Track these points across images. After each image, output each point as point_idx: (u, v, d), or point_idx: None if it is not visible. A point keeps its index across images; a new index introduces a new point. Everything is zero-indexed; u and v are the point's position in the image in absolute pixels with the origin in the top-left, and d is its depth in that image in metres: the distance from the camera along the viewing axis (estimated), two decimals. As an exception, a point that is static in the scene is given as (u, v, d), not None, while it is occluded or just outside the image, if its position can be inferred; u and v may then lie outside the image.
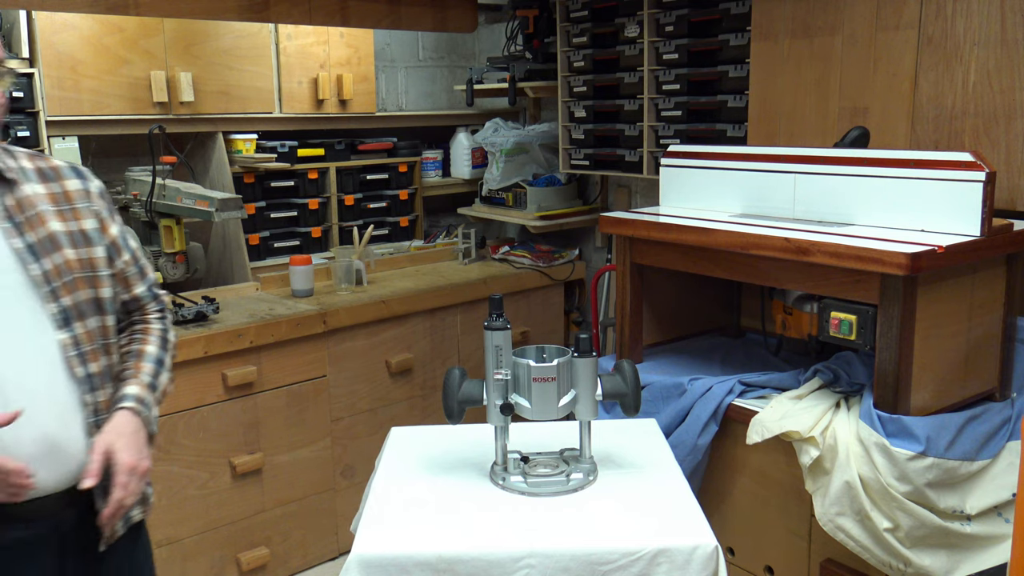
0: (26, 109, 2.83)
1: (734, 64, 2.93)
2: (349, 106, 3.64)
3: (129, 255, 1.67)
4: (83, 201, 1.59)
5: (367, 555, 1.49)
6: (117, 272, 1.62)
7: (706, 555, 1.50)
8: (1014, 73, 2.17)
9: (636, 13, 3.18)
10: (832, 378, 2.07)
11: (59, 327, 1.48)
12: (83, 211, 1.58)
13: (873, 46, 2.43)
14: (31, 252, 1.48)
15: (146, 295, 1.70)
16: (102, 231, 1.60)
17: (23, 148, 1.63)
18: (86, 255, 1.55)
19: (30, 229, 1.49)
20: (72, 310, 1.50)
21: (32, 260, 1.47)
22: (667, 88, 3.14)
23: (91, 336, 1.52)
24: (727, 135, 2.97)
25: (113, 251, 1.62)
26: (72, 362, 1.49)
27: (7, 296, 1.45)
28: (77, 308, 1.51)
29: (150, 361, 1.63)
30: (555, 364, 1.65)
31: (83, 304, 1.52)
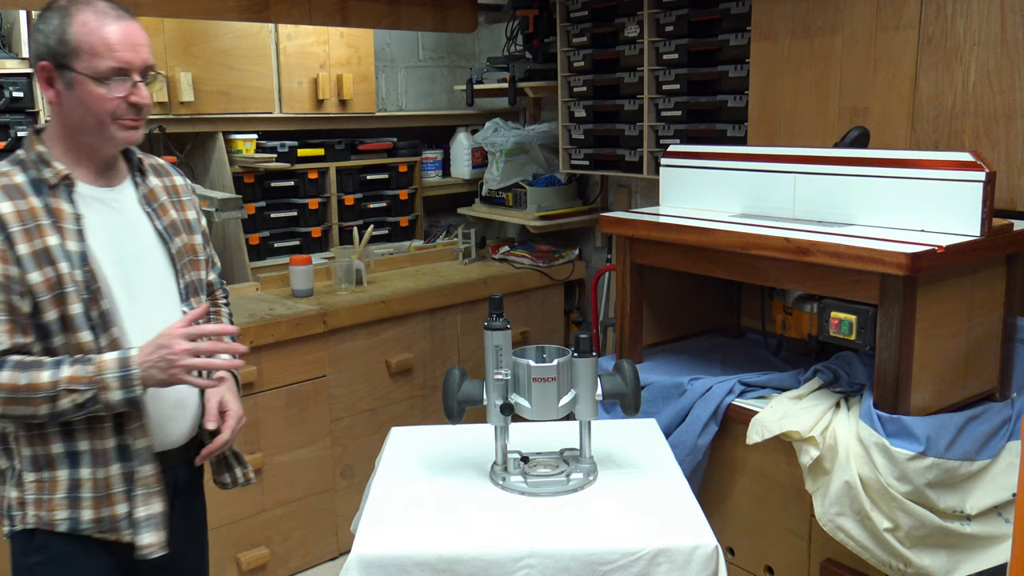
0: (26, 109, 2.83)
1: (734, 64, 2.93)
2: (349, 106, 3.64)
3: (211, 248, 1.95)
4: (186, 195, 1.88)
5: (367, 555, 1.49)
6: (206, 259, 1.90)
7: (706, 555, 1.50)
8: (1014, 73, 2.17)
9: (636, 13, 3.18)
10: (832, 378, 2.07)
11: (182, 301, 1.77)
12: (187, 203, 1.86)
13: (873, 46, 2.43)
14: (168, 234, 1.77)
15: (217, 282, 2.00)
16: (198, 221, 1.88)
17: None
18: (191, 241, 1.83)
19: (162, 215, 1.77)
20: (189, 287, 1.79)
21: (169, 240, 1.76)
22: (667, 88, 3.14)
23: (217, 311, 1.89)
24: (727, 135, 2.97)
25: (204, 240, 1.90)
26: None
27: (159, 269, 1.75)
28: (192, 286, 1.80)
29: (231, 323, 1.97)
30: (555, 364, 1.65)
31: (194, 283, 1.81)
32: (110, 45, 1.58)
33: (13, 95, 2.79)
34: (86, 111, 1.61)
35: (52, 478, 1.65)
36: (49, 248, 1.58)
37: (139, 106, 1.63)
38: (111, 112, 1.61)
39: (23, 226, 1.57)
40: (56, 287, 1.58)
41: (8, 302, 1.56)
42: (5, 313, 1.56)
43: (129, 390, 1.57)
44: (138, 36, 1.63)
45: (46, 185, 1.62)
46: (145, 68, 1.64)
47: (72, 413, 1.57)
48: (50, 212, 1.60)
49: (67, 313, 1.60)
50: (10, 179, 1.61)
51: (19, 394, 1.54)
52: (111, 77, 1.59)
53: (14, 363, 1.56)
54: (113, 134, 1.63)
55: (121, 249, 1.69)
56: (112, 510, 1.65)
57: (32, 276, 1.56)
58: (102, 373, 1.56)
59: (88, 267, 1.61)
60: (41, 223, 1.59)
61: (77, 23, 1.58)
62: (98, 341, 1.62)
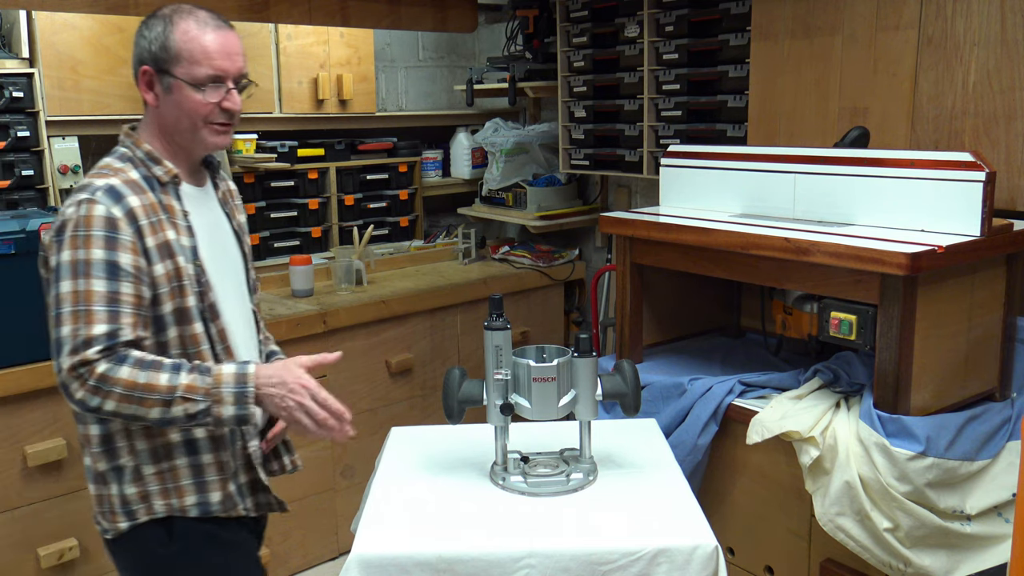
0: (26, 109, 2.84)
1: (734, 64, 2.93)
2: (349, 106, 3.64)
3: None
4: (237, 199, 1.96)
5: (367, 555, 1.49)
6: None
7: (706, 555, 1.50)
8: (1014, 73, 2.17)
9: (636, 13, 3.18)
10: (832, 378, 2.07)
11: (249, 297, 1.89)
12: (239, 207, 1.95)
13: (873, 46, 2.43)
14: (239, 233, 1.89)
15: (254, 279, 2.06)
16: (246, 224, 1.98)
17: None
18: (248, 242, 1.94)
19: (235, 215, 1.89)
20: (252, 284, 1.91)
21: (241, 240, 1.89)
22: (667, 88, 3.14)
23: (257, 307, 1.94)
24: (727, 135, 2.97)
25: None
26: (257, 327, 1.92)
27: (236, 266, 1.85)
28: (253, 283, 1.92)
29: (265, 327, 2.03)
30: (555, 364, 1.65)
31: (253, 281, 1.93)
32: (208, 53, 1.66)
33: (13, 95, 2.79)
34: (182, 114, 1.68)
35: (173, 467, 1.68)
36: (169, 242, 1.65)
37: (231, 111, 1.71)
38: (205, 116, 1.69)
39: (148, 220, 1.63)
40: (174, 280, 1.64)
41: (138, 294, 1.59)
42: (132, 306, 1.58)
43: (242, 407, 1.58)
44: (234, 45, 1.71)
45: (158, 182, 1.69)
46: (239, 76, 1.72)
47: (182, 422, 1.58)
48: (164, 208, 1.67)
49: (183, 305, 1.66)
50: (128, 175, 1.66)
51: (135, 392, 1.54)
52: (207, 83, 1.67)
53: (134, 360, 1.55)
54: (205, 137, 1.71)
55: (215, 245, 1.78)
56: (230, 488, 1.72)
57: (156, 268, 1.62)
58: (219, 386, 1.57)
59: (199, 261, 1.69)
60: (161, 218, 1.65)
61: (179, 31, 1.66)
62: (208, 332, 1.69)
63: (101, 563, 2.65)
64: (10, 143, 2.80)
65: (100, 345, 1.53)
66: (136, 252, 1.60)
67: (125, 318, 1.56)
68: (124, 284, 1.57)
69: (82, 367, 1.53)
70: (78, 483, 2.58)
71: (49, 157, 2.91)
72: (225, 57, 1.68)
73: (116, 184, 1.62)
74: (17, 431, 2.47)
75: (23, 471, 2.49)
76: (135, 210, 1.61)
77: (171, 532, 1.70)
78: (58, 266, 1.58)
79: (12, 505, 2.48)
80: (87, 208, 1.58)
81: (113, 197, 1.60)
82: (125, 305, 1.57)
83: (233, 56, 1.70)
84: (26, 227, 2.39)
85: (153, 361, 1.57)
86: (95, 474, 1.71)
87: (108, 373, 1.53)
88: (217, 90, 1.68)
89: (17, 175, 2.83)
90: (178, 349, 1.66)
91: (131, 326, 1.57)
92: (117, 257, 1.57)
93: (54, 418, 2.52)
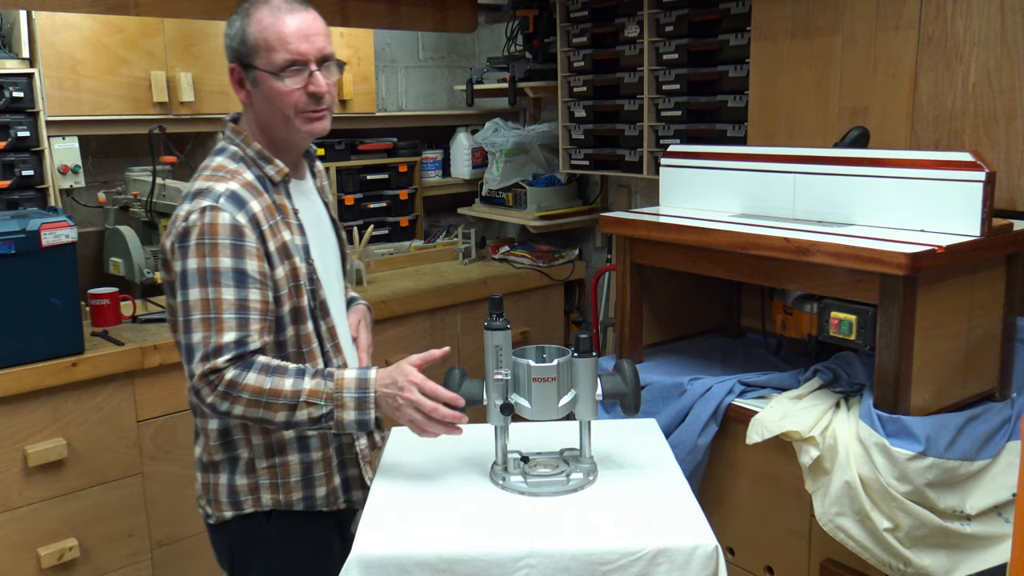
0: (26, 109, 2.84)
1: (734, 64, 2.93)
2: (349, 106, 3.64)
3: None
4: (328, 194, 1.96)
5: (367, 555, 1.49)
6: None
7: (706, 555, 1.50)
8: (1014, 73, 2.17)
9: (636, 13, 3.18)
10: (832, 378, 2.07)
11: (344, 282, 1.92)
12: (328, 190, 1.97)
13: (873, 46, 2.43)
14: (334, 224, 1.90)
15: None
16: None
17: None
18: (341, 227, 1.96)
19: (330, 206, 1.91)
20: (346, 272, 1.94)
21: (337, 230, 1.91)
22: (667, 88, 3.14)
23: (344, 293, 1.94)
24: (727, 135, 2.97)
25: None
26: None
27: (335, 258, 1.87)
28: (347, 271, 1.95)
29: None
30: (555, 364, 1.65)
31: (345, 268, 1.94)
32: (283, 38, 1.62)
33: (13, 95, 2.79)
34: (272, 107, 1.66)
35: (285, 463, 1.74)
36: (286, 243, 1.66)
37: (318, 95, 1.66)
38: (294, 105, 1.66)
39: (268, 224, 1.64)
40: (291, 280, 1.67)
41: (265, 300, 1.61)
42: (260, 312, 1.60)
43: (363, 412, 1.61)
44: (311, 27, 1.65)
45: (270, 182, 1.69)
46: (322, 57, 1.66)
47: (305, 426, 1.62)
48: (279, 208, 1.68)
49: (298, 305, 1.69)
50: (244, 177, 1.65)
51: (261, 398, 1.58)
52: (286, 69, 1.63)
53: (260, 366, 1.58)
54: (299, 127, 1.69)
55: (320, 239, 1.79)
56: (335, 482, 1.79)
57: (277, 271, 1.64)
58: (341, 391, 1.60)
59: (311, 260, 1.71)
60: (277, 220, 1.66)
61: (254, 22, 1.64)
62: (318, 330, 1.72)
63: (101, 563, 2.66)
64: (10, 143, 2.80)
65: (230, 353, 1.57)
66: (261, 258, 1.61)
67: (254, 324, 1.59)
68: (252, 291, 1.59)
69: (212, 374, 1.57)
70: (78, 483, 2.58)
71: (49, 157, 2.91)
72: (302, 39, 1.64)
73: (237, 189, 1.62)
74: (17, 431, 2.47)
75: (23, 471, 2.49)
76: (257, 215, 1.62)
77: (272, 523, 1.76)
78: (184, 273, 1.59)
79: (12, 505, 2.48)
80: (211, 216, 1.58)
81: (236, 203, 1.60)
82: (253, 312, 1.59)
83: (311, 37, 1.65)
84: (26, 227, 2.39)
85: (278, 367, 1.60)
86: (206, 463, 1.77)
87: (236, 379, 1.57)
88: (299, 75, 1.65)
89: (17, 175, 2.83)
90: (294, 348, 1.70)
91: (259, 332, 1.60)
92: (244, 265, 1.59)
93: (54, 418, 2.52)
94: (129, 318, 2.90)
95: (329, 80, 1.69)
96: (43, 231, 2.42)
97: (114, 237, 3.10)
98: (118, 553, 2.69)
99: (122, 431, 2.64)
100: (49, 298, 2.46)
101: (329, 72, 1.69)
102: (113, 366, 2.59)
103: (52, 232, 2.43)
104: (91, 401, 2.58)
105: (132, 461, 2.68)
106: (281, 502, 1.75)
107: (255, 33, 1.63)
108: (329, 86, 1.69)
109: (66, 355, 2.50)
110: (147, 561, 2.75)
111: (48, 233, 2.42)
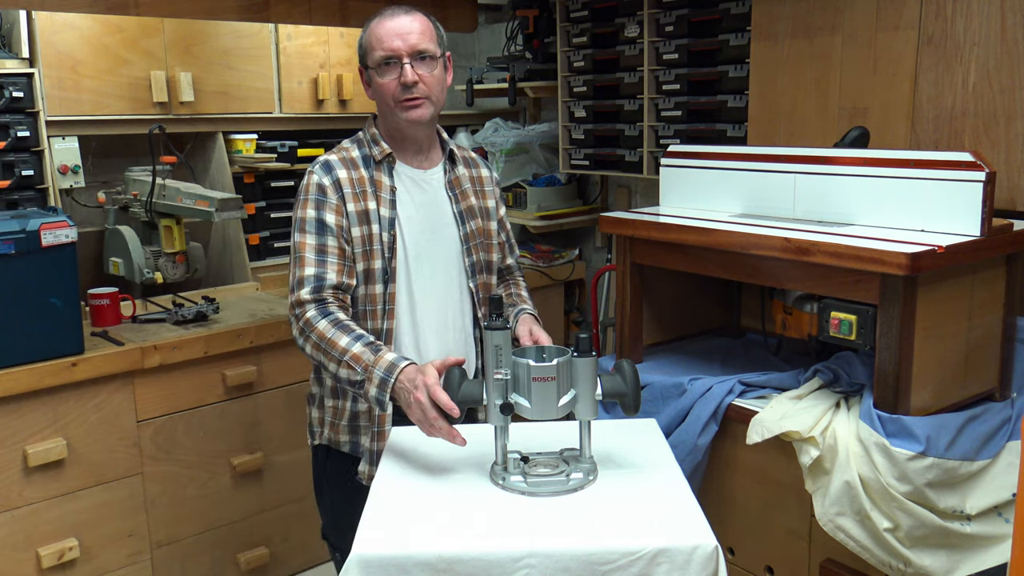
0: (26, 109, 2.84)
1: (734, 64, 2.93)
2: (349, 106, 3.64)
3: (506, 234, 2.28)
4: (488, 185, 2.19)
5: (367, 555, 1.49)
6: (500, 243, 2.23)
7: (706, 555, 1.50)
8: (1014, 73, 2.17)
9: (636, 13, 3.18)
10: (832, 378, 2.07)
11: (468, 277, 2.08)
12: (488, 193, 2.18)
13: (873, 46, 2.43)
14: (460, 217, 2.07)
15: (514, 265, 2.33)
16: (495, 210, 2.20)
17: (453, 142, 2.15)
18: (486, 226, 2.14)
19: (461, 200, 2.08)
20: (476, 266, 2.10)
21: (460, 223, 2.07)
22: (667, 88, 3.14)
23: (483, 288, 2.12)
24: (727, 135, 2.97)
25: (500, 227, 2.22)
26: (475, 306, 2.11)
27: (450, 245, 2.05)
28: (479, 265, 2.10)
29: (528, 297, 2.30)
30: (555, 364, 1.65)
31: (481, 263, 2.11)
32: (380, 38, 1.93)
33: (13, 95, 2.79)
34: (381, 99, 1.97)
35: (343, 407, 2.01)
36: (368, 211, 1.95)
37: (408, 84, 1.91)
38: (392, 96, 1.94)
39: (353, 190, 1.95)
40: (367, 243, 1.94)
41: (340, 247, 1.92)
42: (337, 256, 1.91)
43: (382, 392, 1.76)
44: (406, 27, 1.92)
45: (373, 160, 2.00)
46: (415, 52, 1.92)
47: (345, 384, 1.84)
48: (372, 182, 1.97)
49: (371, 267, 1.95)
50: (348, 153, 2.01)
51: (322, 344, 1.84)
52: (382, 65, 1.93)
53: (333, 318, 1.86)
54: (400, 115, 1.95)
55: (421, 221, 2.01)
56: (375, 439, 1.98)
57: (354, 231, 1.94)
58: (375, 367, 1.77)
59: (393, 231, 1.96)
60: (366, 190, 1.96)
61: (368, 29, 1.97)
62: (385, 293, 1.96)
63: (101, 563, 2.66)
64: (10, 143, 2.80)
65: (309, 285, 1.88)
66: (340, 214, 1.92)
67: (330, 266, 1.90)
68: (329, 238, 1.91)
69: (296, 308, 1.89)
70: (78, 483, 2.58)
71: (49, 157, 2.91)
72: (395, 38, 1.91)
73: (331, 159, 1.98)
74: (17, 431, 2.47)
75: (23, 471, 2.49)
76: (341, 181, 1.94)
77: (329, 458, 2.06)
78: (292, 221, 1.97)
79: (12, 505, 2.48)
80: (307, 178, 1.96)
81: (326, 169, 1.96)
82: (331, 255, 1.90)
83: (404, 36, 1.91)
84: (26, 227, 2.39)
85: (345, 324, 1.85)
86: (306, 394, 2.13)
87: (312, 321, 1.86)
88: (392, 68, 1.92)
89: (17, 175, 2.83)
90: (361, 306, 1.96)
91: (336, 272, 1.90)
92: (324, 216, 1.92)
93: (54, 418, 2.52)
94: (129, 318, 2.90)
95: (424, 73, 1.93)
96: (43, 231, 2.42)
97: (114, 237, 3.10)
98: (118, 553, 2.69)
99: (122, 431, 2.65)
100: (49, 298, 2.46)
101: (425, 65, 1.93)
102: (113, 366, 2.59)
103: (52, 232, 2.43)
104: (91, 401, 2.58)
105: (132, 461, 2.68)
106: (332, 441, 2.03)
107: (365, 38, 1.96)
108: (422, 76, 1.92)
109: (66, 355, 2.50)
110: (147, 561, 2.75)
111: (48, 233, 2.43)
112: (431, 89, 1.95)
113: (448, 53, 2.03)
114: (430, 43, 1.95)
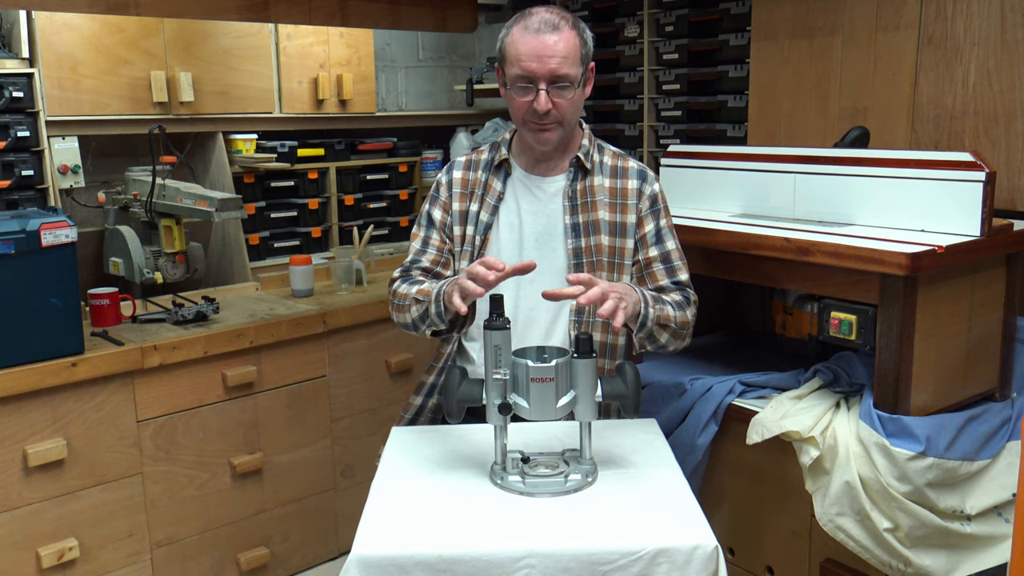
0: (26, 109, 2.84)
1: (734, 64, 2.93)
2: (349, 106, 3.64)
3: (658, 252, 1.96)
4: (633, 199, 1.95)
5: (367, 555, 1.49)
6: (640, 263, 1.96)
7: (706, 555, 1.50)
8: (1014, 73, 2.17)
9: (636, 13, 3.19)
10: (832, 378, 2.07)
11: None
12: (630, 207, 1.95)
13: (873, 46, 2.43)
14: (574, 230, 1.92)
15: (670, 287, 1.96)
16: (637, 226, 1.95)
17: (615, 147, 2.04)
18: (619, 244, 1.94)
19: (581, 212, 1.93)
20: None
21: (573, 236, 1.92)
22: (667, 88, 3.14)
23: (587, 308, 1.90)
24: (727, 135, 2.97)
25: (641, 245, 1.95)
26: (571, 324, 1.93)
27: (555, 256, 1.93)
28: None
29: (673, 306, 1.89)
30: (553, 364, 1.65)
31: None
32: (519, 55, 1.81)
33: (13, 95, 2.79)
34: (511, 109, 1.89)
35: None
36: (468, 212, 1.98)
37: (538, 112, 1.81)
38: (522, 115, 1.86)
39: (463, 190, 1.99)
40: (462, 244, 1.97)
41: (441, 240, 1.99)
42: (436, 248, 1.98)
43: (438, 303, 1.80)
44: (548, 49, 1.79)
45: (493, 164, 1.99)
46: (553, 78, 1.80)
47: (419, 323, 1.88)
48: (483, 185, 1.98)
49: (463, 267, 1.91)
50: (479, 155, 2.03)
51: (395, 300, 1.92)
52: (516, 84, 1.83)
53: (410, 279, 1.93)
54: (526, 134, 1.90)
55: (524, 229, 1.95)
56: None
57: (456, 229, 1.99)
58: (434, 288, 1.83)
59: (486, 235, 1.95)
60: (474, 191, 1.98)
61: (509, 33, 1.85)
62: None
63: (101, 563, 2.66)
64: (10, 143, 2.80)
65: (403, 269, 1.98)
66: (446, 211, 1.99)
67: (428, 254, 1.98)
68: (433, 232, 1.99)
69: (390, 286, 1.98)
70: (78, 483, 2.58)
71: (49, 157, 2.91)
72: (534, 59, 1.79)
73: (459, 159, 2.03)
74: (17, 431, 2.47)
75: (23, 471, 2.49)
76: (454, 180, 2.00)
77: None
78: None
79: (12, 505, 2.48)
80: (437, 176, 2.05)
81: (448, 168, 2.03)
82: (431, 246, 1.98)
83: (544, 59, 1.79)
84: (26, 227, 2.39)
85: (416, 280, 1.93)
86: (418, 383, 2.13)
87: (396, 288, 1.94)
88: (525, 91, 1.82)
89: (17, 175, 2.83)
90: None
91: (431, 262, 1.97)
92: (432, 211, 2.00)
93: (54, 418, 2.52)
94: (129, 318, 2.90)
95: (560, 99, 1.81)
96: (43, 231, 2.42)
97: (114, 237, 3.10)
98: (118, 553, 2.69)
99: (122, 431, 2.64)
100: (49, 298, 2.46)
101: (561, 91, 1.81)
102: (113, 366, 2.59)
103: (52, 232, 2.43)
104: (91, 401, 2.58)
105: (132, 461, 2.68)
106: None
107: (505, 44, 1.85)
108: (557, 104, 1.81)
109: (66, 355, 2.50)
110: (147, 561, 2.75)
111: (48, 233, 2.42)
112: (564, 114, 1.83)
113: (592, 64, 1.91)
114: (571, 67, 1.81)
